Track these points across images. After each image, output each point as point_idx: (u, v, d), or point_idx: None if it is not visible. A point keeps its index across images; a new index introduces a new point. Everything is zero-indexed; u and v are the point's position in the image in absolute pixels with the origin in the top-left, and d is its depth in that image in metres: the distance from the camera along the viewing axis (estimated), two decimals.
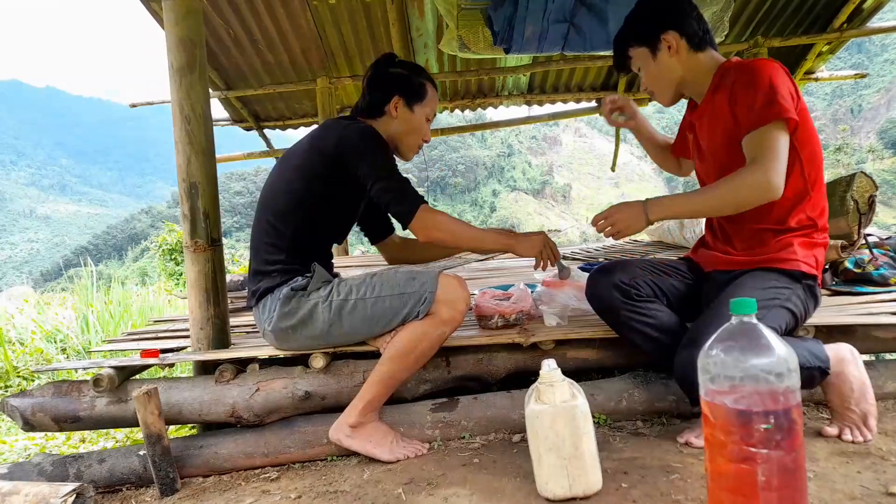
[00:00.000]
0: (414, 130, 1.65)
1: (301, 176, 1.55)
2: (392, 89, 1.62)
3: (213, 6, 3.34)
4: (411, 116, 1.63)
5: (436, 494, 1.24)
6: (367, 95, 1.65)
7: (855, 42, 8.28)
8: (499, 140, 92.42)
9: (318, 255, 1.61)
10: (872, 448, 1.26)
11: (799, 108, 1.31)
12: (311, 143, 1.58)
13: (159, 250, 10.48)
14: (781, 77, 1.32)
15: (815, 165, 1.38)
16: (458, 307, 1.47)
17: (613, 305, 1.44)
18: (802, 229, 1.38)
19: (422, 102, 1.64)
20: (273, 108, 4.76)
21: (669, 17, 1.45)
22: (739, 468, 0.87)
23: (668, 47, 1.45)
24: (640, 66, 1.52)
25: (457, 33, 2.77)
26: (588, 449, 1.14)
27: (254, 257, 1.60)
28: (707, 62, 1.47)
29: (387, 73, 1.64)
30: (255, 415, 1.56)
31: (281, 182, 1.59)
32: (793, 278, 1.35)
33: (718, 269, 1.48)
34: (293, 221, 1.55)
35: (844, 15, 3.72)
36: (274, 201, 1.57)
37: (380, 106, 1.63)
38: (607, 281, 1.45)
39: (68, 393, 1.59)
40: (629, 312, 1.42)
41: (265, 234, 1.57)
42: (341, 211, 1.65)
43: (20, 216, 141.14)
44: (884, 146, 49.89)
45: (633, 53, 1.51)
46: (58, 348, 3.84)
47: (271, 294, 1.54)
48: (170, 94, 1.71)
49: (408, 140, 1.66)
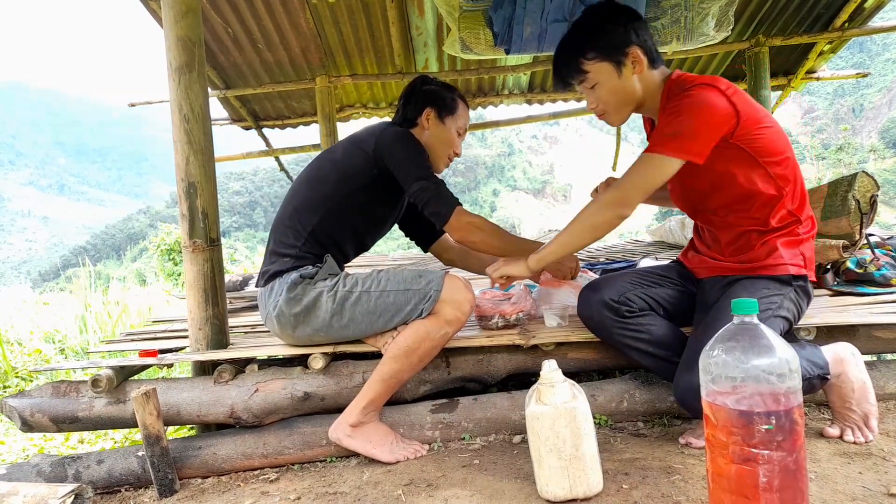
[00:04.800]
0: (445, 142, 1.70)
1: (338, 170, 1.60)
2: (424, 102, 1.68)
3: (213, 5, 3.33)
4: (442, 128, 1.69)
5: (435, 496, 1.23)
6: (402, 109, 1.72)
7: (856, 41, 8.28)
8: (499, 139, 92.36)
9: (337, 250, 1.63)
10: (874, 449, 1.26)
11: (744, 120, 1.26)
12: (350, 141, 1.64)
13: (157, 250, 10.48)
14: (705, 111, 1.25)
15: (785, 165, 1.33)
16: (463, 308, 1.47)
17: (605, 324, 1.45)
18: (785, 227, 1.36)
19: (453, 116, 1.70)
20: (272, 108, 4.75)
21: (635, 31, 1.36)
22: (741, 469, 0.87)
23: (633, 63, 1.36)
24: (594, 83, 1.39)
25: (458, 35, 2.77)
26: (589, 450, 1.14)
27: (272, 238, 1.64)
28: (658, 78, 1.40)
29: (421, 90, 1.71)
30: (254, 415, 1.55)
31: (317, 174, 1.63)
32: (782, 282, 1.34)
33: (710, 275, 1.47)
34: (320, 212, 1.58)
35: (846, 14, 3.72)
36: (307, 191, 1.62)
37: (413, 119, 1.70)
38: (597, 300, 1.45)
39: (67, 393, 1.59)
40: (621, 329, 1.43)
41: (288, 219, 1.61)
42: (372, 213, 1.68)
43: (18, 216, 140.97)
44: (885, 146, 49.88)
45: (592, 68, 1.37)
46: (56, 348, 3.84)
47: (280, 278, 1.55)
48: (168, 93, 1.70)
49: (438, 151, 1.70)
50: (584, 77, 1.40)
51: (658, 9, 2.61)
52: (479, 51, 2.80)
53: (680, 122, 1.26)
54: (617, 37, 1.36)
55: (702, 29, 2.63)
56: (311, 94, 4.39)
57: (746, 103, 1.28)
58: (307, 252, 1.57)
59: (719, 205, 1.40)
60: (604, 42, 1.36)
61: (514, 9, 2.63)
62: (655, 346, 1.41)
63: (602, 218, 1.36)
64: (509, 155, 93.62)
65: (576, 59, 1.39)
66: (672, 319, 1.48)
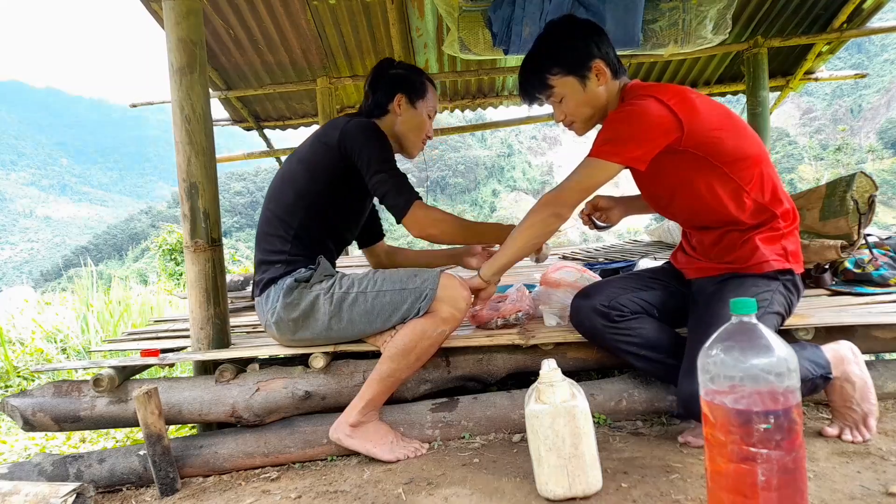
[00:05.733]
0: (418, 127, 1.70)
1: (306, 168, 1.58)
2: (394, 88, 1.66)
3: (214, 6, 3.34)
4: (415, 113, 1.68)
5: (436, 494, 1.24)
6: (371, 97, 1.69)
7: (855, 42, 8.28)
8: (499, 140, 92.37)
9: (323, 249, 1.63)
10: (872, 448, 1.26)
11: (689, 128, 1.28)
12: (316, 138, 1.62)
13: (159, 250, 10.48)
14: (639, 119, 1.28)
15: (749, 164, 1.34)
16: (459, 306, 1.47)
17: (597, 330, 1.47)
18: (763, 224, 1.37)
19: (423, 99, 1.69)
20: (273, 108, 4.76)
21: (597, 45, 1.40)
22: (739, 468, 0.87)
23: (597, 75, 1.40)
24: (561, 97, 1.43)
25: (457, 35, 2.78)
26: (588, 449, 1.14)
27: (259, 248, 1.63)
28: (617, 87, 1.44)
29: (388, 75, 1.69)
30: (255, 415, 1.56)
31: (288, 175, 1.62)
32: (769, 279, 1.35)
33: (698, 276, 1.49)
34: (299, 213, 1.57)
35: (844, 15, 3.72)
36: (281, 194, 1.61)
37: (383, 105, 1.68)
38: (587, 306, 1.47)
39: (68, 393, 1.59)
40: (613, 334, 1.44)
41: (270, 226, 1.60)
42: (347, 205, 1.67)
43: (20, 216, 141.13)
44: (883, 146, 49.82)
45: (557, 82, 1.41)
46: (58, 348, 3.85)
47: (275, 284, 1.55)
48: (170, 94, 1.71)
49: (412, 136, 1.70)
50: (551, 91, 1.44)
51: (656, 11, 2.62)
52: (477, 51, 2.82)
53: (615, 129, 1.32)
54: (580, 52, 1.40)
55: (699, 32, 2.65)
56: (311, 94, 4.40)
57: (692, 111, 1.29)
58: (296, 255, 1.57)
59: (684, 207, 1.45)
60: (567, 58, 1.40)
61: (514, 9, 2.65)
62: (647, 348, 1.43)
63: (538, 217, 1.39)
64: (509, 156, 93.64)
65: (541, 74, 1.43)
66: (666, 320, 1.50)
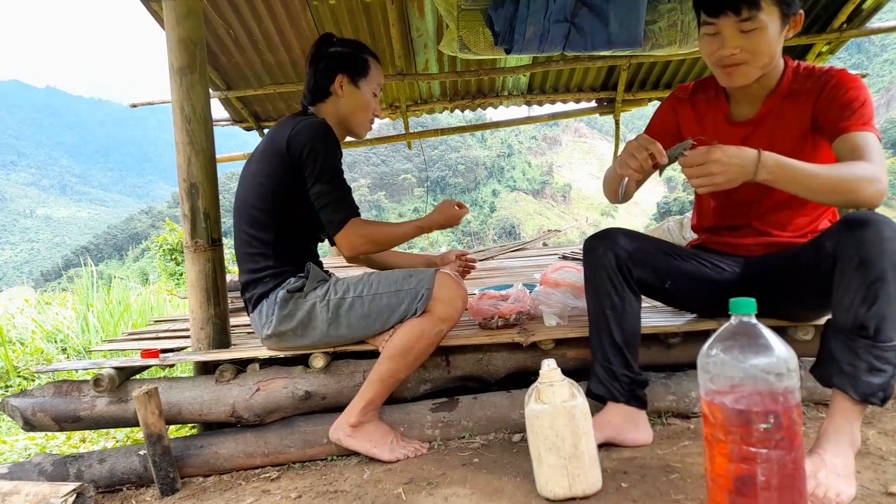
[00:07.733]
0: (362, 108, 1.66)
1: (264, 182, 1.54)
2: (335, 69, 1.62)
3: (213, 6, 3.34)
4: (358, 93, 1.64)
5: (436, 494, 1.24)
6: (312, 78, 1.64)
7: (854, 42, 8.27)
8: (499, 140, 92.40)
9: (307, 254, 1.61)
10: (872, 448, 1.26)
11: None
12: (268, 145, 1.57)
13: (160, 250, 10.49)
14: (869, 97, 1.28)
15: None
16: (455, 305, 1.47)
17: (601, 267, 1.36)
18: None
19: (366, 78, 1.65)
20: (273, 109, 4.76)
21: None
22: (739, 468, 0.87)
23: (794, 25, 1.29)
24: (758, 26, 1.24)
25: (457, 34, 2.77)
26: (588, 448, 1.14)
27: (242, 269, 1.59)
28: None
29: (328, 53, 1.63)
30: (256, 415, 1.56)
31: (251, 192, 1.57)
32: None
33: (769, 252, 1.46)
34: (273, 227, 1.54)
35: (844, 15, 3.72)
36: (248, 212, 1.56)
37: (325, 87, 1.63)
38: (611, 238, 1.38)
39: (69, 393, 1.60)
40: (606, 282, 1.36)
41: (249, 246, 1.56)
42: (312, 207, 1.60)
43: (20, 216, 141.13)
44: (883, 146, 49.91)
45: (767, 6, 1.23)
46: (58, 348, 3.85)
47: (267, 299, 1.53)
48: (170, 94, 1.71)
49: (357, 117, 1.66)
50: (754, 14, 1.24)
51: (656, 12, 2.62)
52: (477, 50, 2.80)
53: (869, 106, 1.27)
54: None
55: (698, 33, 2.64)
56: None
57: None
58: (282, 268, 1.54)
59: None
60: None
61: (517, 8, 2.64)
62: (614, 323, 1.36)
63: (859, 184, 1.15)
64: (509, 156, 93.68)
65: None
66: (677, 297, 1.47)
